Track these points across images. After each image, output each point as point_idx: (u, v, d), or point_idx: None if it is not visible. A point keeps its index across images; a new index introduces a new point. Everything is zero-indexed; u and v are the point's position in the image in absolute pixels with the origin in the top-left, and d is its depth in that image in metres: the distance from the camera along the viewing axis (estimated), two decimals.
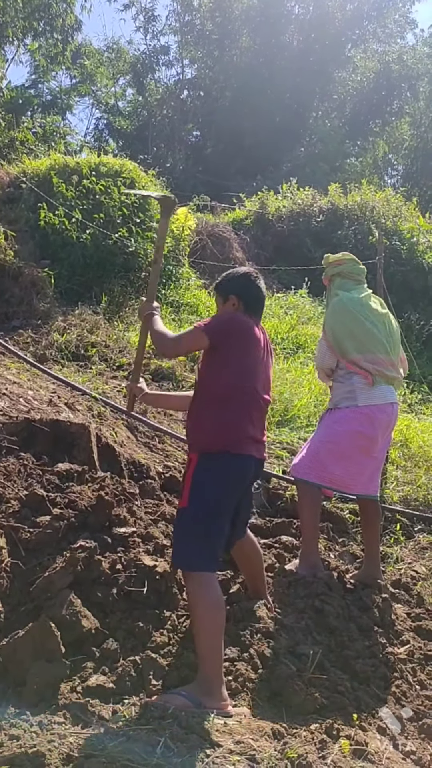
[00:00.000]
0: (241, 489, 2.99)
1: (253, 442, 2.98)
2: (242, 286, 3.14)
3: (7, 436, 3.77)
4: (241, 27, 26.27)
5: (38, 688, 2.52)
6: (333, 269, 4.37)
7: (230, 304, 3.12)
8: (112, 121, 27.65)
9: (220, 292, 3.21)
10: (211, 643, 2.69)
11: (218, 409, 2.93)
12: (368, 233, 12.65)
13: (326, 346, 4.19)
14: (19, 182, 9.14)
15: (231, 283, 3.17)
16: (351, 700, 2.94)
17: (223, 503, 2.88)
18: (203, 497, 2.84)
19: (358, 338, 4.07)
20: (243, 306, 3.11)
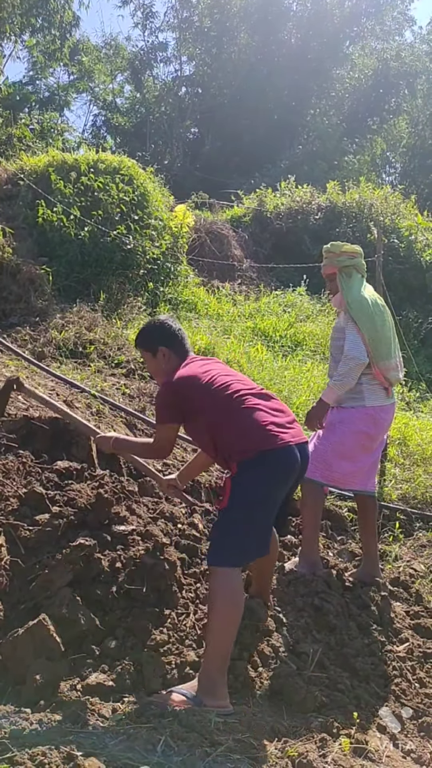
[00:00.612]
0: (289, 481, 2.97)
1: (284, 428, 2.95)
2: (165, 336, 3.26)
3: (5, 433, 3.77)
4: (239, 24, 26.22)
5: (38, 686, 2.51)
6: (348, 260, 4.17)
7: (161, 356, 3.24)
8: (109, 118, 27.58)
9: (146, 348, 3.30)
10: (223, 640, 2.70)
11: (230, 428, 2.95)
12: (366, 231, 12.65)
13: (362, 342, 4.00)
14: (17, 179, 9.12)
15: (154, 337, 3.28)
16: (351, 699, 2.95)
17: (267, 501, 2.89)
18: (244, 496, 2.85)
19: (385, 345, 4.07)
20: (173, 352, 3.24)
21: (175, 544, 3.57)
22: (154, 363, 3.28)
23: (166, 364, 3.22)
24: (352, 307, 4.05)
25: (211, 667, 2.66)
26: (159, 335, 3.27)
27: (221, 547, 2.83)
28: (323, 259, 4.28)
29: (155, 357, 3.25)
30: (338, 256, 4.18)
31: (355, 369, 3.93)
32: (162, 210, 10.31)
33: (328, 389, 3.98)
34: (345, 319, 4.07)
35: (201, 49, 27.11)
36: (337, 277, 4.19)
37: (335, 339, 4.19)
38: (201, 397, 3.01)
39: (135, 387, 6.17)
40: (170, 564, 3.25)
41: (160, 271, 9.45)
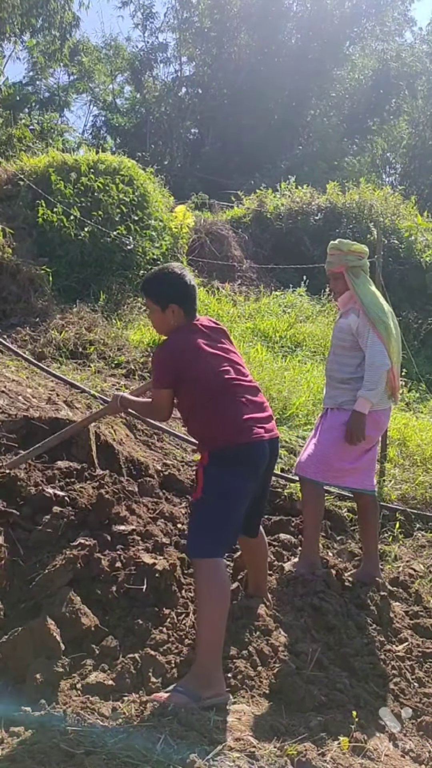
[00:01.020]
0: (258, 475, 2.98)
1: (258, 423, 2.96)
2: (180, 293, 3.05)
3: (6, 433, 3.77)
4: (239, 24, 26.24)
5: (38, 685, 2.52)
6: (357, 260, 4.10)
7: (170, 312, 3.04)
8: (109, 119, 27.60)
9: (155, 299, 3.07)
10: (214, 630, 2.71)
11: (207, 415, 2.95)
12: (366, 232, 12.65)
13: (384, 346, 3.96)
14: (17, 179, 9.13)
15: (168, 290, 3.05)
16: (350, 698, 2.95)
17: (236, 492, 2.89)
18: (216, 487, 2.86)
19: (397, 350, 4.09)
20: (183, 312, 3.06)
21: (175, 544, 3.58)
22: (162, 318, 3.07)
23: (174, 321, 3.05)
24: (370, 311, 4.00)
25: (205, 658, 2.68)
26: (174, 291, 3.04)
27: (200, 538, 2.84)
28: (329, 256, 4.19)
29: (164, 312, 3.04)
30: (346, 255, 4.10)
31: (383, 376, 3.93)
32: (162, 210, 10.33)
33: (362, 401, 3.90)
34: (363, 323, 4.00)
35: (201, 50, 27.15)
36: (345, 277, 4.12)
37: (341, 339, 4.11)
38: (196, 372, 2.94)
39: (135, 387, 6.18)
40: (170, 564, 3.26)
41: None
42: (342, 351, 4.09)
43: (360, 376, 3.98)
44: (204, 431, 2.99)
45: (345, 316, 4.14)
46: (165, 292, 3.04)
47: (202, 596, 2.75)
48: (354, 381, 4.01)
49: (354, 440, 3.90)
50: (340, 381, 4.08)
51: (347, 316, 4.12)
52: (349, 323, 4.06)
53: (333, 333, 4.26)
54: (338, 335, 4.13)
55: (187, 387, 2.98)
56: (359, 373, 4.00)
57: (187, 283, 3.06)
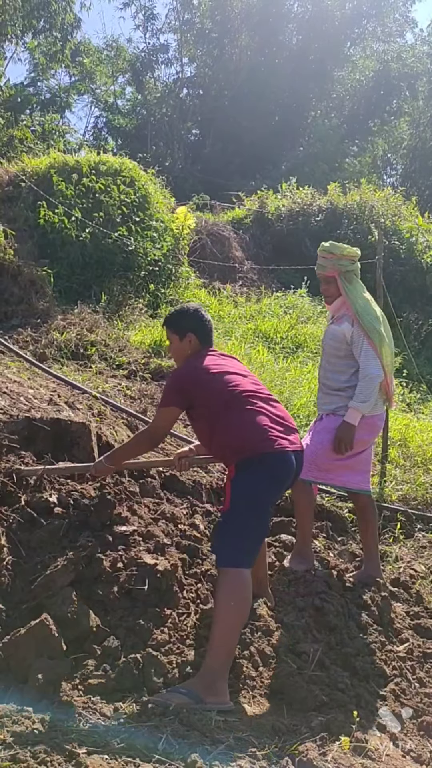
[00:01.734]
0: (284, 485, 3.10)
1: (282, 434, 3.04)
2: (197, 323, 3.35)
3: (7, 434, 3.78)
4: (240, 25, 26.24)
5: (40, 685, 2.53)
6: (350, 265, 4.08)
7: (187, 341, 3.32)
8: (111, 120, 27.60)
9: (175, 330, 3.37)
10: (229, 638, 2.75)
11: (230, 428, 3.03)
12: (367, 233, 12.66)
13: (377, 356, 3.97)
14: (19, 181, 9.14)
15: (186, 321, 3.36)
16: (351, 698, 2.96)
17: (265, 502, 3.01)
18: (245, 498, 2.94)
19: (391, 357, 4.10)
20: (199, 340, 3.33)
21: (176, 545, 3.59)
22: (179, 346, 3.36)
23: (190, 349, 3.32)
24: (364, 320, 3.99)
25: (215, 663, 2.69)
26: (191, 321, 3.35)
27: (233, 548, 2.90)
28: (320, 259, 4.15)
29: (182, 341, 3.34)
30: (339, 260, 4.07)
31: (376, 387, 3.94)
32: (163, 212, 10.34)
33: (353, 411, 3.91)
34: (357, 332, 3.98)
35: (202, 51, 27.16)
36: (338, 282, 4.10)
37: (335, 348, 4.07)
38: (211, 388, 3.10)
39: (136, 388, 6.19)
40: (171, 564, 3.27)
41: (161, 273, 9.47)
42: (336, 360, 4.08)
43: (355, 384, 3.98)
44: (228, 444, 3.06)
45: (338, 323, 4.10)
46: (183, 322, 3.37)
47: (223, 604, 2.79)
48: (349, 389, 4.01)
49: (342, 450, 3.92)
50: (336, 389, 4.07)
51: (340, 323, 4.08)
52: (343, 331, 4.03)
53: (325, 340, 4.20)
54: (332, 344, 4.09)
55: (202, 405, 3.11)
56: (354, 381, 4.00)
57: (203, 316, 3.39)
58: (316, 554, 4.23)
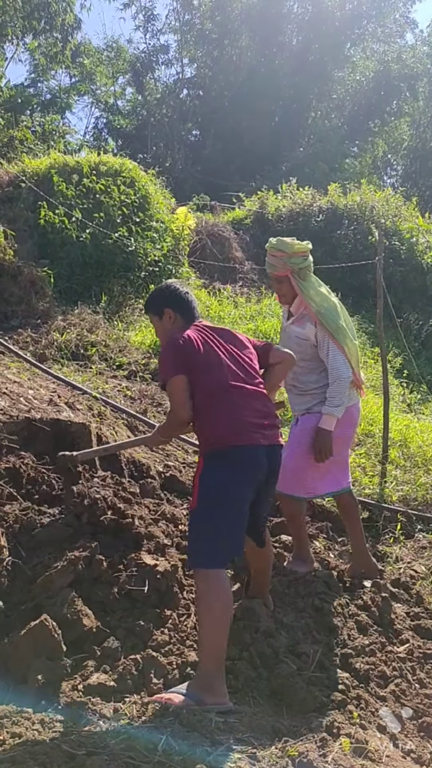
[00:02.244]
0: (254, 480, 2.95)
1: (257, 428, 2.95)
2: (172, 298, 3.20)
3: (7, 435, 3.78)
4: (240, 26, 26.22)
5: (40, 686, 2.53)
6: (303, 262, 3.89)
7: (167, 318, 3.17)
8: (111, 120, 27.59)
9: (153, 310, 3.24)
10: (216, 640, 2.71)
11: (205, 413, 2.95)
12: (368, 233, 12.65)
13: (345, 357, 3.87)
14: (19, 181, 9.14)
15: (161, 299, 3.22)
16: (351, 699, 2.96)
17: (232, 497, 2.87)
18: (211, 495, 2.85)
19: (355, 350, 4.03)
20: (179, 315, 3.17)
21: (176, 545, 3.59)
22: (161, 326, 3.22)
23: (171, 326, 3.16)
24: (326, 319, 3.86)
25: (208, 665, 2.68)
26: (165, 297, 3.21)
27: (200, 548, 2.83)
28: (270, 257, 3.94)
29: (161, 320, 3.19)
30: (290, 257, 3.86)
31: (347, 389, 3.86)
32: (163, 212, 10.34)
33: (327, 417, 3.82)
34: (320, 334, 3.86)
35: (202, 52, 27.13)
36: (291, 281, 3.91)
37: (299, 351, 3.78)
38: (199, 364, 2.97)
39: (136, 389, 6.19)
40: (171, 565, 3.27)
41: (161, 274, 9.46)
42: (303, 362, 3.89)
43: (325, 383, 3.88)
44: (201, 429, 3.00)
45: (300, 325, 3.96)
46: (157, 300, 3.23)
47: (203, 607, 2.75)
48: (320, 388, 3.92)
49: (322, 458, 3.83)
50: (306, 390, 3.99)
51: (302, 325, 3.94)
52: (307, 334, 3.92)
53: (286, 340, 4.01)
54: (296, 348, 3.80)
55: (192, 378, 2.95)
56: (324, 379, 3.90)
57: (179, 290, 3.21)
58: (316, 555, 4.23)
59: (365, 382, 4.13)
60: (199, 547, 2.83)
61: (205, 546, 2.82)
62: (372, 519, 5.11)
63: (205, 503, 2.86)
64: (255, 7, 25.88)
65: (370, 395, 7.78)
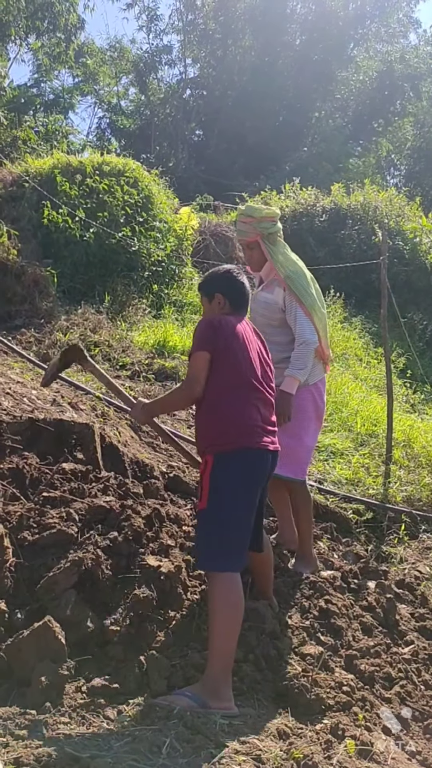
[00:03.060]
0: (260, 484, 2.95)
1: (264, 432, 2.94)
2: (226, 284, 3.16)
3: (11, 435, 3.77)
4: (244, 26, 26.23)
5: (43, 688, 2.51)
6: (272, 226, 3.87)
7: (216, 303, 3.14)
8: (114, 120, 27.62)
9: (205, 291, 3.21)
10: (226, 644, 2.69)
11: (222, 408, 2.90)
12: (371, 233, 12.63)
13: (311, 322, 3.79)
14: (22, 181, 9.14)
15: (215, 282, 3.19)
16: (356, 700, 2.94)
17: (243, 501, 2.85)
18: (222, 497, 2.81)
19: (323, 319, 3.95)
20: (229, 303, 3.14)
21: (180, 546, 3.56)
22: (209, 310, 3.18)
23: (219, 312, 3.13)
24: (295, 283, 3.82)
25: (215, 669, 2.66)
26: (220, 282, 3.17)
27: (215, 551, 2.80)
28: (240, 224, 3.96)
29: (210, 303, 3.17)
30: (260, 222, 3.85)
31: (312, 353, 3.80)
32: (167, 212, 10.34)
33: (290, 380, 3.75)
34: (288, 298, 3.81)
35: (205, 52, 27.15)
36: (261, 246, 3.89)
37: (268, 318, 3.87)
38: (227, 356, 2.93)
39: (140, 389, 6.18)
40: (175, 566, 3.25)
41: (164, 273, 9.47)
42: (271, 329, 3.84)
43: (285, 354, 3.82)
44: (213, 424, 2.92)
45: (269, 290, 3.92)
46: (214, 282, 3.19)
47: (215, 610, 2.72)
48: (287, 360, 3.82)
49: (282, 421, 3.66)
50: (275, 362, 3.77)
51: (271, 290, 3.90)
52: (275, 298, 3.87)
53: (255, 308, 3.97)
54: (265, 313, 3.89)
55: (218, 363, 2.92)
56: (291, 351, 3.83)
57: (236, 278, 3.17)
58: (320, 555, 4.20)
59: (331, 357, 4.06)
60: (212, 550, 2.80)
61: (219, 549, 2.78)
62: (376, 519, 5.09)
63: (216, 504, 2.81)
64: (258, 7, 25.91)
65: (373, 395, 7.77)
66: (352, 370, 8.95)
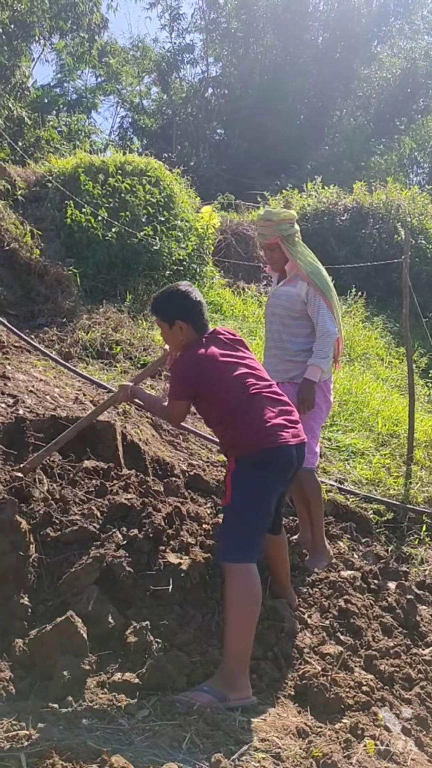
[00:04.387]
0: (284, 478, 3.04)
1: (284, 428, 2.99)
2: (182, 309, 3.15)
3: (34, 433, 3.81)
4: (265, 25, 26.17)
5: (65, 682, 2.54)
6: (290, 228, 4.07)
7: (177, 328, 3.14)
8: (136, 120, 27.71)
9: (163, 318, 3.19)
10: (243, 636, 2.74)
11: (232, 424, 3.01)
12: (393, 232, 12.55)
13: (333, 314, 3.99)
14: (46, 181, 9.22)
15: (171, 309, 3.15)
16: (376, 701, 2.94)
17: (264, 496, 2.95)
18: (245, 492, 2.93)
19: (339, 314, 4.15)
20: (192, 326, 3.15)
21: (200, 544, 3.58)
22: (170, 334, 3.20)
23: (183, 337, 3.16)
24: (316, 278, 4.02)
25: (232, 662, 2.69)
26: (178, 308, 3.15)
27: (235, 544, 2.89)
28: (260, 228, 4.17)
29: (171, 329, 3.17)
30: (279, 224, 4.05)
31: (332, 344, 3.98)
32: (188, 211, 10.35)
33: (312, 368, 3.94)
34: (312, 291, 3.99)
35: (227, 51, 27.14)
36: (282, 247, 4.08)
37: (289, 309, 4.05)
38: (217, 383, 3.02)
39: (161, 387, 6.20)
40: (195, 564, 3.27)
41: (186, 273, 9.48)
42: (291, 321, 4.06)
43: (310, 347, 3.99)
44: (232, 440, 3.05)
45: (291, 284, 4.10)
46: (170, 309, 3.16)
47: (232, 601, 2.77)
48: (304, 353, 4.02)
49: (305, 409, 3.90)
50: (292, 354, 4.05)
51: (294, 283, 4.08)
52: (298, 292, 4.04)
53: (276, 302, 4.15)
54: (286, 305, 4.07)
55: (208, 400, 3.07)
56: (309, 344, 4.01)
57: (192, 300, 3.17)
58: (340, 555, 4.20)
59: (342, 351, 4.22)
60: (234, 542, 2.90)
61: (239, 541, 2.89)
62: (397, 520, 5.07)
63: (240, 502, 2.93)
64: (280, 6, 25.84)
65: (394, 395, 7.73)
66: (373, 369, 8.91)
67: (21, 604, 2.85)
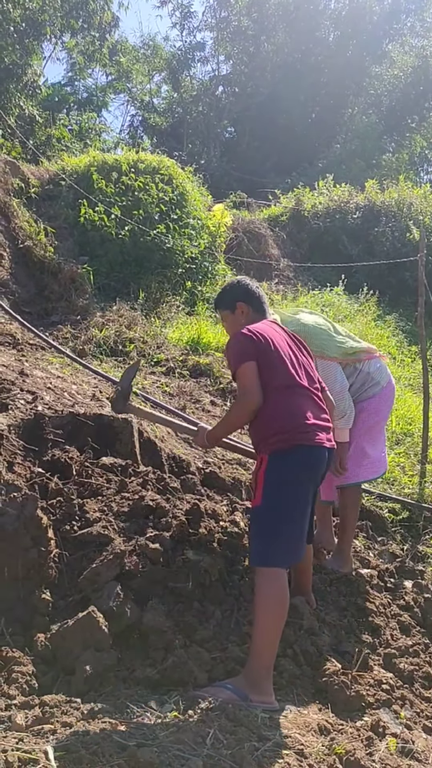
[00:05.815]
0: (316, 481, 2.98)
1: (320, 429, 2.94)
2: (243, 292, 3.28)
3: (53, 429, 3.83)
4: (276, 22, 26.11)
5: (87, 676, 2.56)
6: None
7: (239, 312, 3.24)
8: (146, 118, 27.70)
9: (225, 306, 3.31)
10: (270, 638, 2.71)
11: (273, 409, 2.91)
12: (405, 230, 12.53)
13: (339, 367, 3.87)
14: (59, 179, 9.24)
15: (232, 294, 3.30)
16: (395, 699, 2.94)
17: (298, 497, 2.87)
18: (277, 493, 2.83)
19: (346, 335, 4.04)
20: (251, 308, 3.24)
21: (218, 542, 3.59)
22: (234, 321, 3.25)
23: (244, 320, 3.20)
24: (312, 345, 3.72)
25: (258, 664, 2.67)
26: (238, 291, 3.28)
27: (265, 546, 2.81)
28: None
29: (234, 313, 3.26)
30: None
31: (349, 398, 3.85)
32: (200, 209, 10.36)
33: (341, 431, 3.81)
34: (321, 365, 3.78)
35: (238, 49, 27.07)
36: None
37: None
38: (270, 356, 2.97)
39: (175, 385, 6.22)
40: (214, 561, 3.28)
41: (198, 270, 9.49)
42: None
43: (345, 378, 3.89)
44: (267, 427, 2.91)
45: None
46: (230, 295, 3.31)
47: (261, 605, 2.74)
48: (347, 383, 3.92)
49: (342, 471, 3.84)
50: None
51: None
52: None
53: None
54: None
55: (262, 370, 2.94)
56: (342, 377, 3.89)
57: (250, 285, 3.30)
58: (356, 554, 4.20)
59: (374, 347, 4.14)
60: (264, 546, 2.81)
61: (272, 545, 2.80)
62: (412, 519, 5.07)
63: (271, 502, 2.83)
64: (291, 3, 25.76)
65: (408, 394, 7.71)
66: None
67: (42, 599, 2.86)
